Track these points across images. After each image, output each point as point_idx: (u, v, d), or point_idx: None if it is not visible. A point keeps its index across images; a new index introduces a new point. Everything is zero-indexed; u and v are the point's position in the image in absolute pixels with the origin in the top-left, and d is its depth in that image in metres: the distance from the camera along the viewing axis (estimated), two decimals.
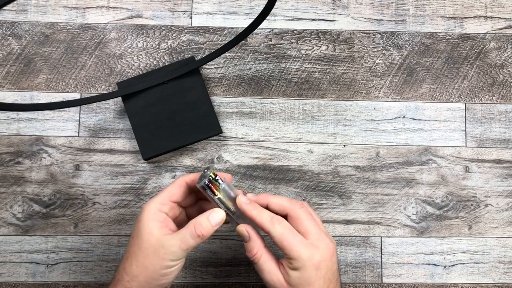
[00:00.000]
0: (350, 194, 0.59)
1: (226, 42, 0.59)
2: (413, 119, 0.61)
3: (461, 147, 0.60)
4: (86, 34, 0.60)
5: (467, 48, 0.62)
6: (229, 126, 0.60)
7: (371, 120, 0.61)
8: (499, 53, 0.62)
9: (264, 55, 0.61)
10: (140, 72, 0.60)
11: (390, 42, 0.62)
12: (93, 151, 0.59)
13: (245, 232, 0.43)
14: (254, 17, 0.55)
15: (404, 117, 0.61)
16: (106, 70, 0.60)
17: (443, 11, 0.63)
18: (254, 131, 0.60)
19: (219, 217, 0.42)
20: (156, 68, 0.60)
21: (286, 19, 0.62)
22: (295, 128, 0.60)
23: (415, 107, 0.61)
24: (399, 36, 0.62)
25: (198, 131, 0.57)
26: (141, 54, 0.60)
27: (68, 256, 0.57)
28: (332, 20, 0.62)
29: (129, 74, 0.60)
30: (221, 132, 0.58)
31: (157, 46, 0.61)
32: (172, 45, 0.61)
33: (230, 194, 0.44)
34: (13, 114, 0.59)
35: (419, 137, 0.60)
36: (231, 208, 0.44)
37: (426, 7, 0.63)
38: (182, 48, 0.61)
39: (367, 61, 0.61)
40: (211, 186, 0.42)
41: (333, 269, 0.42)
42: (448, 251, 0.59)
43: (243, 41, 0.61)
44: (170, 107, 0.57)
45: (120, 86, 0.58)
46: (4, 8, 0.59)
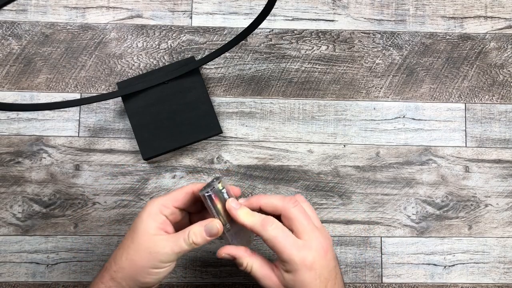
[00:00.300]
0: (350, 194, 0.59)
1: (226, 42, 0.59)
2: (413, 119, 0.61)
3: (461, 147, 0.60)
4: (86, 34, 0.60)
5: (467, 48, 0.62)
6: (229, 126, 0.60)
7: (371, 120, 0.61)
8: (499, 53, 0.62)
9: (264, 55, 0.61)
10: (140, 72, 0.60)
11: (390, 42, 0.62)
12: (93, 151, 0.59)
13: (226, 256, 0.43)
14: (254, 17, 0.55)
15: (404, 117, 0.61)
16: (106, 70, 0.60)
17: (443, 11, 0.63)
18: (254, 131, 0.60)
19: (214, 228, 0.42)
20: (156, 68, 0.60)
21: (286, 19, 0.62)
22: (295, 128, 0.60)
23: (415, 107, 0.61)
24: (399, 36, 0.62)
25: (198, 131, 0.57)
26: (141, 54, 0.60)
27: (68, 256, 0.57)
28: (332, 20, 0.62)
29: (129, 74, 0.60)
30: (221, 132, 0.58)
31: (157, 46, 0.61)
32: (172, 45, 0.61)
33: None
34: (13, 114, 0.59)
35: (419, 137, 0.60)
36: (227, 225, 0.43)
37: (426, 7, 0.63)
38: (182, 48, 0.61)
39: (367, 61, 0.61)
40: (213, 197, 0.42)
41: (329, 267, 0.41)
42: (448, 251, 0.59)
43: (243, 41, 0.61)
44: (170, 107, 0.57)
45: (120, 86, 0.58)
46: (4, 8, 0.59)
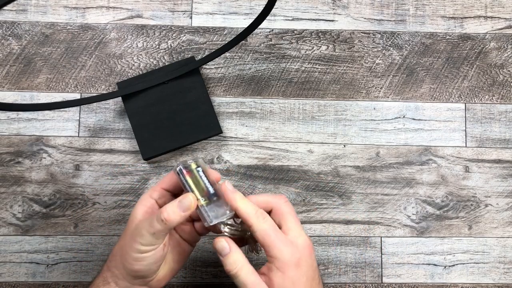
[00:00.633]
0: (350, 194, 0.59)
1: (226, 42, 0.59)
2: (413, 119, 0.61)
3: (461, 147, 0.60)
4: (86, 34, 0.60)
5: (467, 48, 0.62)
6: (229, 126, 0.60)
7: (371, 120, 0.60)
8: (499, 53, 0.62)
9: (264, 55, 0.61)
10: (140, 72, 0.60)
11: (390, 42, 0.62)
12: (93, 151, 0.59)
13: (225, 243, 0.40)
14: (254, 17, 0.55)
15: (404, 117, 0.61)
16: (106, 70, 0.60)
17: (443, 11, 0.63)
18: (254, 131, 0.60)
19: (187, 202, 0.39)
20: (156, 68, 0.60)
21: (286, 19, 0.62)
22: (295, 128, 0.60)
23: (415, 107, 0.61)
24: (399, 36, 0.62)
25: (198, 131, 0.57)
26: (141, 54, 0.60)
27: (68, 256, 0.57)
28: (332, 20, 0.62)
29: (129, 74, 0.60)
30: (221, 132, 0.58)
31: (157, 46, 0.61)
32: (172, 45, 0.61)
33: (205, 184, 0.41)
34: (13, 114, 0.59)
35: (419, 137, 0.60)
36: (202, 199, 0.41)
37: (426, 7, 0.63)
38: (182, 48, 0.61)
39: (367, 61, 0.61)
40: (184, 171, 0.41)
41: (313, 266, 0.42)
42: (448, 251, 0.59)
43: (243, 41, 0.61)
44: (170, 107, 0.57)
45: (120, 86, 0.58)
46: (4, 8, 0.59)
